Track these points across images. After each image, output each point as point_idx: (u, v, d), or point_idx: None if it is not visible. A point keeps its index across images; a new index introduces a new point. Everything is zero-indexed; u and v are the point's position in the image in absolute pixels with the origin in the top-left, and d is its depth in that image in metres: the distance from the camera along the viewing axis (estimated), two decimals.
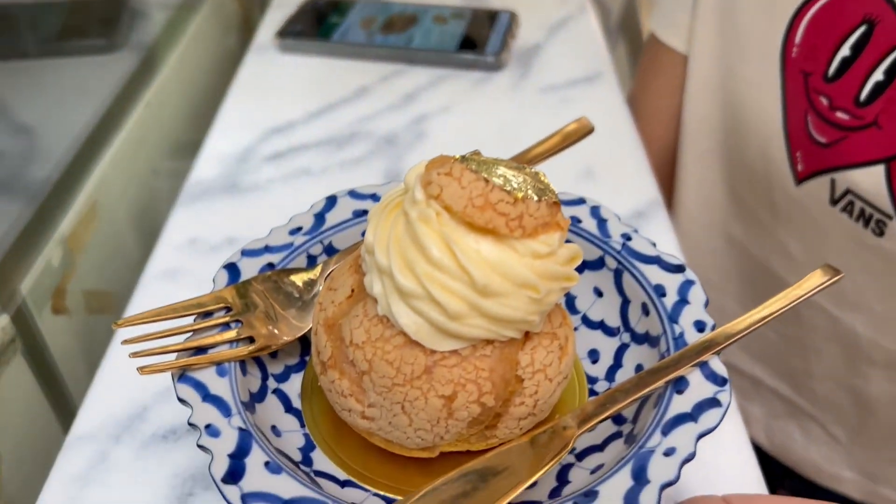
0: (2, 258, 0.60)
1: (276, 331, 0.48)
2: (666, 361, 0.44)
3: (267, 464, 0.40)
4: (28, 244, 0.64)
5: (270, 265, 0.51)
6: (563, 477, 0.45)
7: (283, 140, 0.84)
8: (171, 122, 0.91)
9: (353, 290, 0.44)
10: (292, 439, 0.46)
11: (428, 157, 0.81)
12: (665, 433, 0.41)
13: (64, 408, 0.67)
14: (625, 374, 0.50)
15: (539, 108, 0.89)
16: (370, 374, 0.41)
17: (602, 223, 0.54)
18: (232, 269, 0.51)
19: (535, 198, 0.40)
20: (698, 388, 0.44)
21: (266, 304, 0.49)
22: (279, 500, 0.39)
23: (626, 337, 0.52)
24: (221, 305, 0.48)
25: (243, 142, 0.83)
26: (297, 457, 0.45)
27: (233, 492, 0.39)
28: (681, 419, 0.42)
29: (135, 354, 0.43)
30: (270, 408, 0.47)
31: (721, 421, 0.42)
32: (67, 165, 0.70)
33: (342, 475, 0.45)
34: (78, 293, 0.71)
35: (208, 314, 0.48)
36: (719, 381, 0.44)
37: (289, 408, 0.48)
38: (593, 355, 0.52)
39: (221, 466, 0.40)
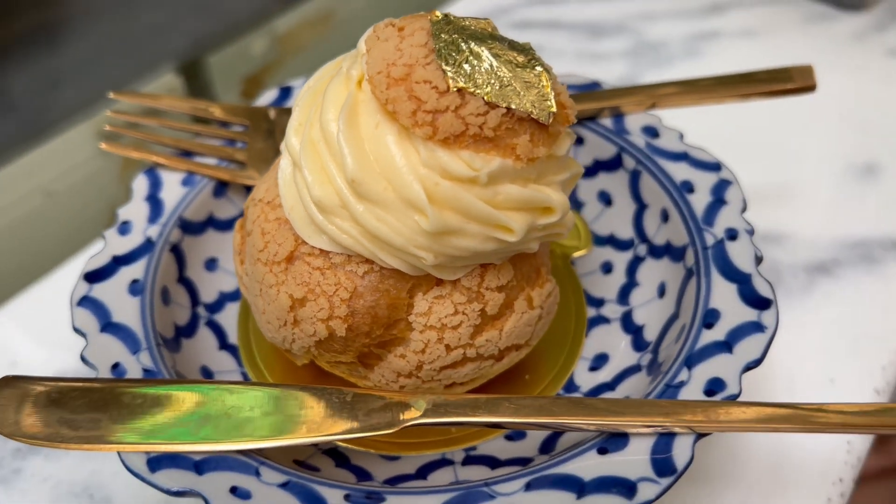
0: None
1: (267, 168, 0.42)
2: (612, 402, 0.30)
3: (135, 281, 0.37)
4: (235, 25, 0.66)
5: None
6: (424, 471, 0.34)
7: (543, 11, 0.74)
8: None
9: None
10: (225, 279, 0.41)
11: (682, 78, 0.66)
12: (529, 487, 0.29)
13: None
14: None
15: (880, 74, 0.66)
16: (250, 238, 0.34)
17: (715, 205, 0.38)
18: (285, 91, 0.46)
19: (490, 98, 0.28)
20: (631, 461, 0.29)
21: (281, 138, 0.44)
22: (105, 317, 0.35)
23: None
24: (240, 120, 0.44)
25: (505, 0, 0.75)
26: (210, 297, 0.40)
27: (81, 288, 0.36)
28: (564, 483, 0.29)
29: (112, 128, 0.42)
30: (229, 239, 0.42)
31: None
32: None
33: (232, 339, 0.39)
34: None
35: (225, 124, 0.44)
36: (668, 469, 0.28)
37: None
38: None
39: (97, 262, 0.37)
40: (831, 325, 0.46)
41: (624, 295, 0.40)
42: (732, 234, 0.36)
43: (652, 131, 0.41)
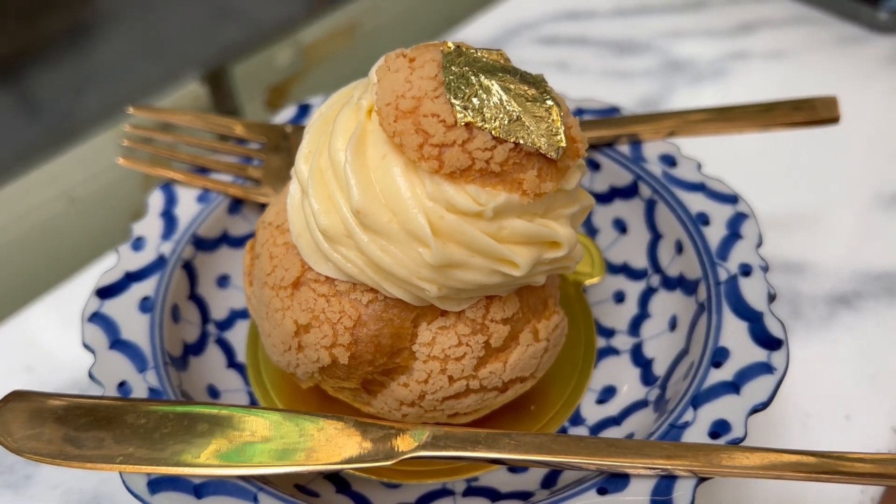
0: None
1: (282, 186, 0.43)
2: (614, 442, 0.30)
3: (145, 298, 0.37)
4: (261, 35, 0.66)
5: None
6: (424, 501, 0.34)
7: (570, 27, 0.73)
8: None
9: None
10: (237, 297, 0.42)
11: (706, 98, 0.65)
12: None
13: None
14: None
15: None
16: (258, 260, 0.34)
17: (730, 239, 0.37)
18: (304, 108, 0.46)
19: (498, 132, 0.28)
20: (630, 503, 0.29)
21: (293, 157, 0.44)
22: (114, 333, 0.35)
23: None
24: (258, 138, 0.44)
25: (531, 15, 0.75)
26: (221, 315, 0.41)
27: (93, 304, 0.36)
28: None
29: (130, 142, 0.42)
30: (242, 256, 0.43)
31: None
32: None
33: (240, 358, 0.40)
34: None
35: (242, 141, 0.44)
36: None
37: None
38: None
39: (110, 278, 0.38)
40: (850, 359, 0.45)
41: (635, 326, 0.39)
42: (746, 270, 0.36)
43: (669, 160, 0.41)
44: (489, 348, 0.32)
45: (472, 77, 0.29)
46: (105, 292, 0.37)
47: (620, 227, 0.42)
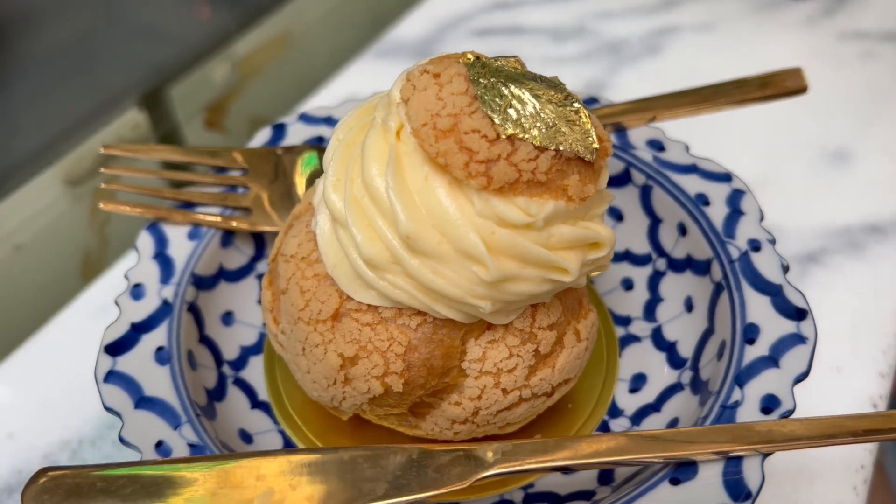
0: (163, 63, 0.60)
1: (275, 213, 0.41)
2: (677, 433, 0.30)
3: (160, 349, 0.35)
4: (193, 53, 0.64)
5: (319, 139, 0.44)
6: None
7: (503, 17, 0.74)
8: None
9: None
10: (243, 333, 0.40)
11: (648, 75, 0.66)
12: None
13: None
14: None
15: (827, 58, 0.68)
16: (285, 296, 0.33)
17: (733, 216, 0.38)
18: (279, 129, 0.44)
19: (539, 142, 0.28)
20: (705, 488, 0.29)
21: (287, 180, 0.42)
22: (137, 392, 0.33)
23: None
24: (239, 165, 0.42)
25: (463, 8, 0.75)
26: (233, 354, 0.39)
27: (105, 363, 0.34)
28: None
29: (108, 185, 0.40)
30: (242, 290, 0.41)
31: None
32: None
33: (263, 395, 0.38)
34: (243, 116, 0.70)
35: (222, 170, 0.42)
36: (742, 495, 0.29)
37: None
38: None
39: (116, 332, 0.35)
40: (829, 314, 0.48)
41: (650, 311, 0.40)
42: (756, 246, 0.37)
43: (657, 144, 0.42)
44: (539, 356, 0.32)
45: (503, 88, 0.29)
46: (115, 348, 0.35)
47: (616, 215, 0.43)
